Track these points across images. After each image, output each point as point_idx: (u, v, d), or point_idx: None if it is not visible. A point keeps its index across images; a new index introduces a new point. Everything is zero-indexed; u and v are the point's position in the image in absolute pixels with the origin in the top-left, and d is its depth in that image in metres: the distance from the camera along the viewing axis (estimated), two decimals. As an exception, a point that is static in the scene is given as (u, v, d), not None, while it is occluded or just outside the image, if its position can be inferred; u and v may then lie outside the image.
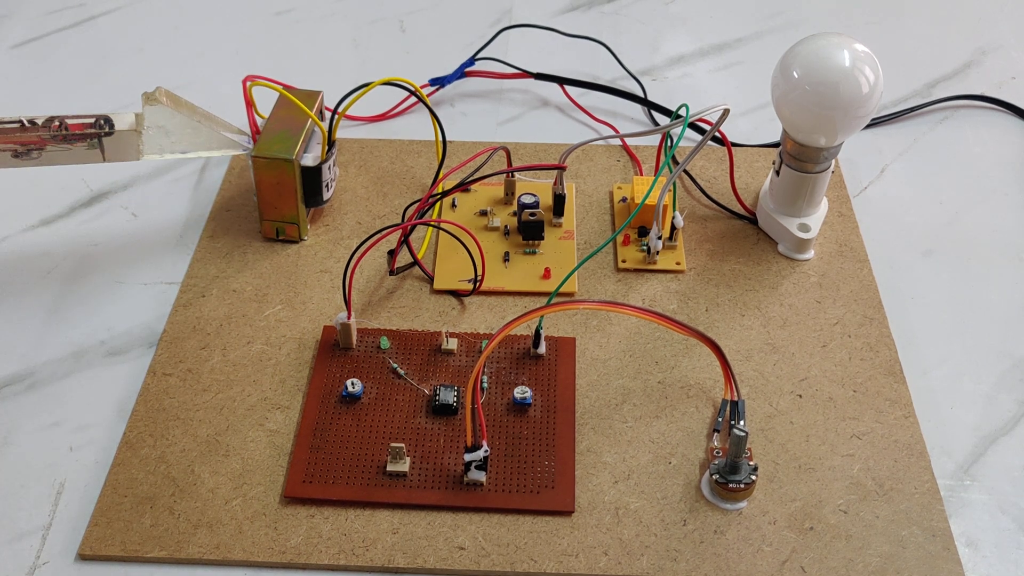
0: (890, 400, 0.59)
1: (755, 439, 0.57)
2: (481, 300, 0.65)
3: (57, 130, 0.61)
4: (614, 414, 0.58)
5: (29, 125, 0.61)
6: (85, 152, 0.62)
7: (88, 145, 0.61)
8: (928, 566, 0.52)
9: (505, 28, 0.86)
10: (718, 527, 0.53)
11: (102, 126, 0.61)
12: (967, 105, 0.81)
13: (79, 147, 0.61)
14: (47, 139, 0.61)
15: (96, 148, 0.62)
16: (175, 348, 0.61)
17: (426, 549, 0.52)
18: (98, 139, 0.61)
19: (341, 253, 0.67)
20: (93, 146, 0.62)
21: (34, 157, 0.61)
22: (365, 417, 0.57)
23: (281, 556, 0.52)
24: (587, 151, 0.75)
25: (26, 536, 0.53)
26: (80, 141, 0.61)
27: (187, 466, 0.55)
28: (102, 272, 0.67)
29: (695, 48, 0.88)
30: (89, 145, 0.62)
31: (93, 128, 0.61)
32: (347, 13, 0.92)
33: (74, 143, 0.61)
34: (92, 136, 0.61)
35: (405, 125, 0.79)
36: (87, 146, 0.62)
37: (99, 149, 0.62)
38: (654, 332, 0.62)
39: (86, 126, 0.61)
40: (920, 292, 0.66)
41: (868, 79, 0.61)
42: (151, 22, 0.91)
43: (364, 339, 0.61)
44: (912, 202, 0.73)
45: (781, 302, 0.64)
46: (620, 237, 0.68)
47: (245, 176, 0.73)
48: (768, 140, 0.77)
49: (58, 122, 0.61)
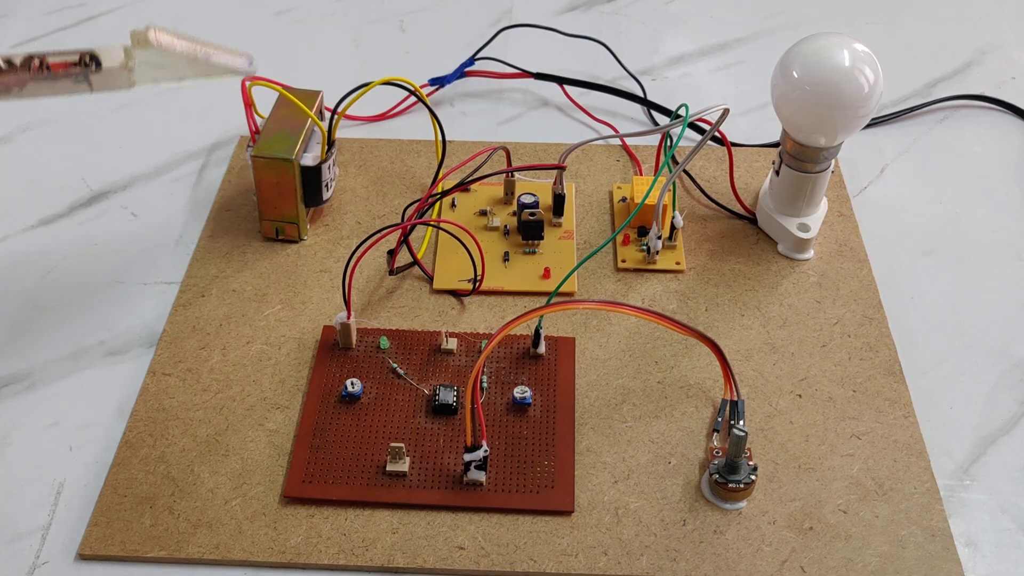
0: (890, 400, 0.59)
1: (755, 439, 0.57)
2: (481, 300, 0.65)
3: (38, 70, 0.56)
4: (614, 414, 0.58)
5: (6, 66, 0.56)
6: (70, 86, 0.58)
7: (74, 80, 0.57)
8: (928, 566, 0.52)
9: (505, 28, 0.86)
10: (718, 527, 0.53)
11: (88, 63, 0.57)
12: (967, 105, 0.81)
13: (64, 83, 0.57)
14: (28, 79, 0.56)
15: (83, 83, 0.57)
16: (175, 348, 0.61)
17: (426, 549, 0.52)
18: (84, 76, 0.57)
19: (341, 253, 0.67)
20: (80, 81, 0.57)
21: (14, 94, 0.57)
22: (365, 417, 0.57)
23: (281, 556, 0.52)
24: (587, 151, 0.75)
25: (26, 536, 0.53)
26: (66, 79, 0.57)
27: (187, 466, 0.55)
28: (102, 272, 0.67)
29: (695, 48, 0.88)
30: (75, 80, 0.57)
31: (77, 66, 0.57)
32: (347, 13, 0.92)
33: (58, 80, 0.57)
34: (78, 74, 0.57)
35: (405, 125, 0.79)
36: (73, 80, 0.57)
37: (86, 83, 0.57)
38: (654, 332, 0.62)
39: (69, 64, 0.57)
40: (920, 292, 0.66)
41: (868, 79, 0.61)
42: (151, 22, 0.90)
43: (364, 339, 0.61)
44: (912, 202, 0.73)
45: (781, 302, 0.64)
46: (620, 237, 0.68)
47: (245, 176, 0.73)
48: (768, 140, 0.77)
49: (38, 60, 0.56)
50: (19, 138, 0.78)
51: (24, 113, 0.79)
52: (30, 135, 0.78)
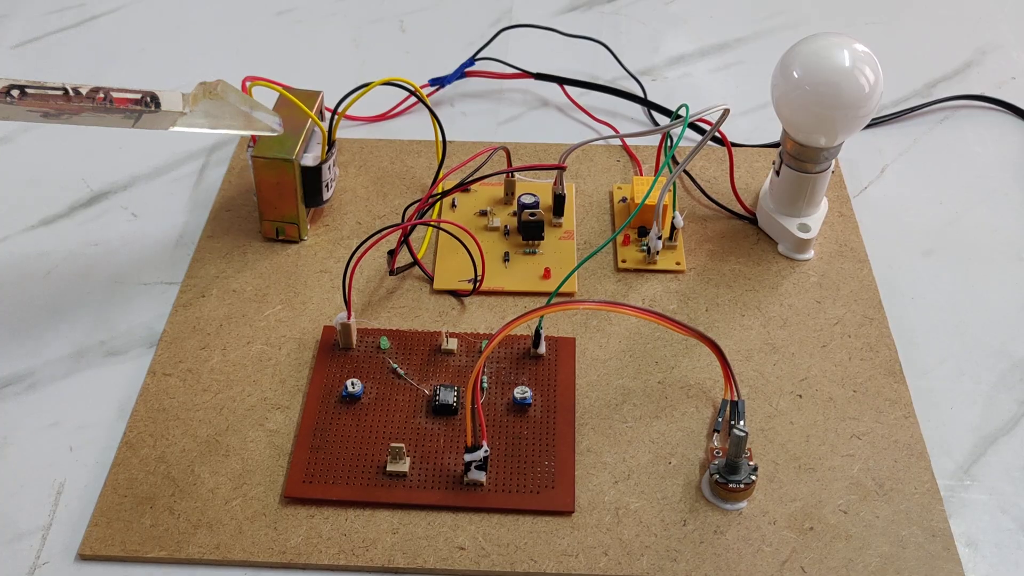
0: (890, 400, 0.59)
1: (755, 439, 0.57)
2: (481, 300, 0.65)
3: (101, 103, 0.57)
4: (614, 414, 0.58)
5: (73, 94, 0.56)
6: (119, 120, 0.58)
7: (125, 116, 0.58)
8: (928, 566, 0.52)
9: (505, 28, 0.86)
10: (718, 527, 0.53)
11: (148, 104, 0.58)
12: (967, 105, 0.81)
13: (115, 116, 0.58)
14: (87, 108, 0.57)
15: (131, 119, 0.58)
16: (175, 348, 0.61)
17: (426, 549, 0.52)
18: (138, 114, 0.58)
19: (341, 253, 0.67)
20: (129, 117, 0.58)
21: (63, 119, 0.57)
22: (365, 417, 0.57)
23: (281, 556, 0.52)
24: (587, 151, 0.75)
25: (26, 536, 0.53)
26: (120, 113, 0.57)
27: (187, 466, 0.55)
28: (102, 272, 0.67)
29: (695, 48, 0.88)
30: (126, 116, 0.58)
31: (138, 105, 0.58)
32: (347, 13, 0.92)
33: (112, 114, 0.57)
34: (134, 112, 0.58)
35: (405, 125, 0.79)
36: (123, 116, 0.58)
37: (133, 120, 0.58)
38: (654, 332, 0.62)
39: (131, 101, 0.58)
40: (920, 292, 0.66)
41: (868, 79, 0.61)
42: (151, 22, 0.91)
43: (364, 339, 0.61)
44: (912, 202, 0.73)
45: (781, 302, 0.64)
46: (620, 237, 0.68)
47: (245, 176, 0.73)
48: (768, 140, 0.77)
49: (103, 95, 0.57)
50: (19, 138, 0.78)
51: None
52: (30, 135, 0.78)
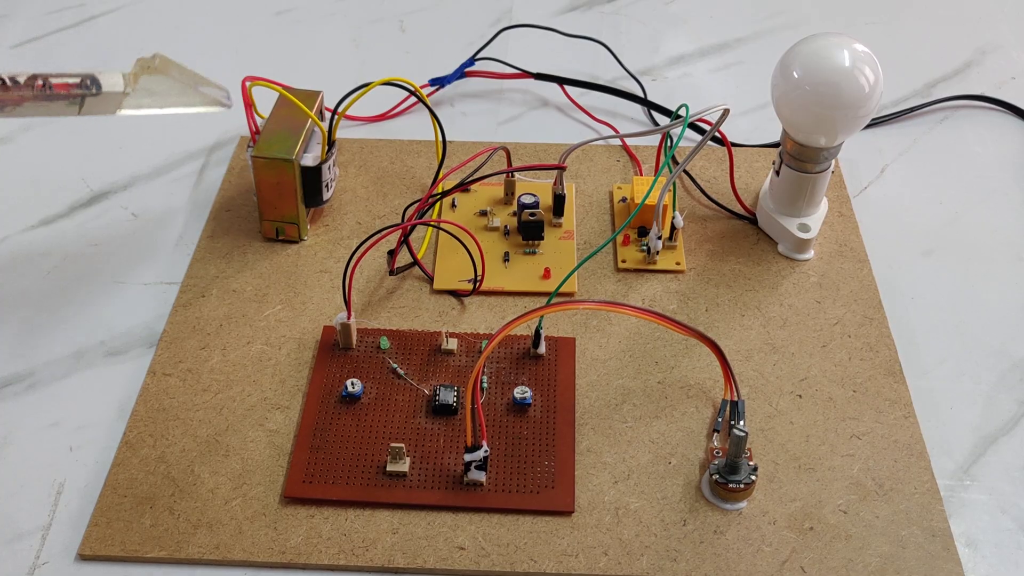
0: (890, 400, 0.59)
1: (755, 439, 0.57)
2: (481, 300, 0.65)
3: (40, 90, 0.56)
4: (614, 414, 0.58)
5: (11, 84, 0.56)
6: (63, 108, 0.58)
7: (68, 103, 0.57)
8: (928, 566, 0.52)
9: (505, 28, 0.86)
10: (718, 527, 0.53)
11: (88, 87, 0.57)
12: (967, 105, 0.81)
13: (59, 104, 0.57)
14: (27, 98, 0.57)
15: (75, 105, 0.58)
16: (175, 348, 0.61)
17: (426, 549, 0.52)
18: (80, 99, 0.57)
19: (341, 253, 0.67)
20: (73, 103, 0.58)
21: (6, 112, 0.57)
22: (365, 417, 0.57)
23: (281, 556, 0.52)
24: (587, 151, 0.75)
25: (26, 536, 0.53)
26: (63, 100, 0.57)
27: (187, 466, 0.55)
28: (102, 272, 0.67)
29: (695, 48, 0.88)
30: (69, 103, 0.57)
31: (79, 88, 0.57)
32: (347, 13, 0.92)
33: (54, 100, 0.57)
34: (76, 96, 0.57)
35: (405, 125, 0.79)
36: (67, 103, 0.57)
37: (78, 106, 0.58)
38: (654, 332, 0.62)
39: (71, 86, 0.57)
40: (920, 292, 0.66)
41: (868, 79, 0.61)
42: (151, 22, 0.91)
43: (364, 339, 0.61)
44: (912, 202, 0.73)
45: (781, 302, 0.64)
46: (620, 237, 0.68)
47: (245, 176, 0.73)
48: (768, 140, 0.77)
49: (41, 81, 0.56)
50: (19, 138, 0.78)
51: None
52: (30, 135, 0.78)
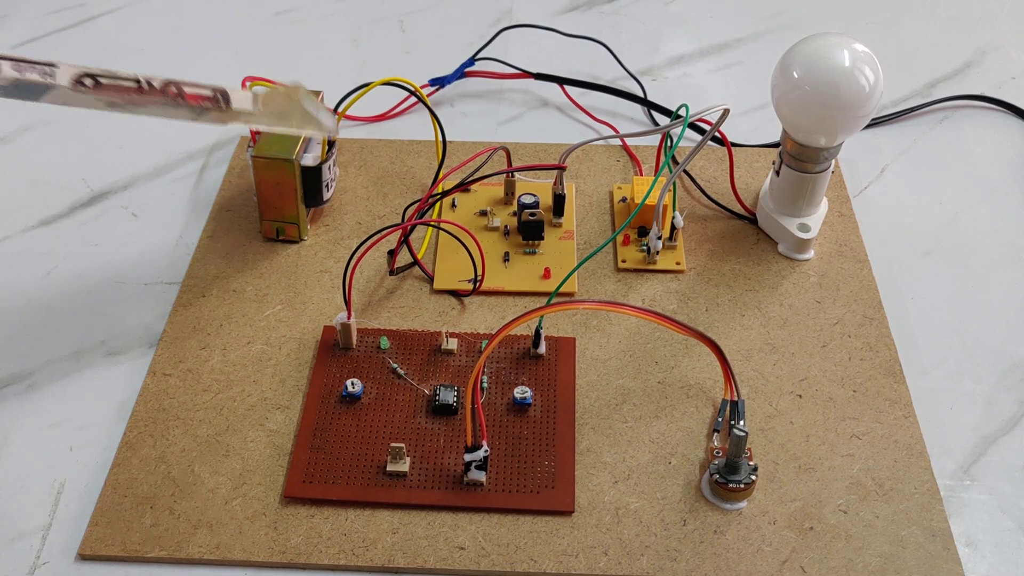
0: (890, 400, 0.59)
1: (755, 439, 0.57)
2: (481, 300, 0.65)
3: (173, 97, 0.55)
4: (614, 414, 0.58)
5: (147, 87, 0.55)
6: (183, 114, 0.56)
7: (191, 111, 0.56)
8: (928, 566, 0.52)
9: (505, 28, 0.86)
10: (718, 527, 0.53)
11: (219, 101, 0.56)
12: (967, 105, 0.81)
13: (183, 110, 0.56)
14: (156, 102, 0.55)
15: (195, 112, 0.56)
16: (175, 348, 0.61)
17: (426, 549, 0.52)
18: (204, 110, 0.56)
19: (341, 253, 0.67)
20: (193, 111, 0.56)
21: (129, 110, 0.55)
22: (365, 417, 0.57)
23: (281, 556, 0.52)
24: (587, 151, 0.75)
25: (26, 536, 0.53)
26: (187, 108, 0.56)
27: (187, 466, 0.55)
28: (102, 272, 0.67)
29: (695, 48, 0.88)
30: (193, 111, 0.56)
31: (209, 102, 0.56)
32: (347, 13, 0.92)
33: (180, 107, 0.56)
34: (204, 109, 0.56)
35: (405, 125, 0.79)
36: (189, 111, 0.56)
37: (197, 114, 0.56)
38: (654, 332, 0.62)
39: (203, 98, 0.56)
40: (920, 292, 0.66)
41: (868, 79, 0.61)
42: (151, 22, 0.91)
43: (364, 339, 0.61)
44: (912, 202, 0.73)
45: (781, 302, 0.64)
46: (620, 237, 0.68)
47: (245, 176, 0.73)
48: (768, 140, 0.77)
49: (175, 89, 0.55)
50: (19, 138, 0.78)
51: (24, 113, 0.79)
52: (30, 135, 0.78)
